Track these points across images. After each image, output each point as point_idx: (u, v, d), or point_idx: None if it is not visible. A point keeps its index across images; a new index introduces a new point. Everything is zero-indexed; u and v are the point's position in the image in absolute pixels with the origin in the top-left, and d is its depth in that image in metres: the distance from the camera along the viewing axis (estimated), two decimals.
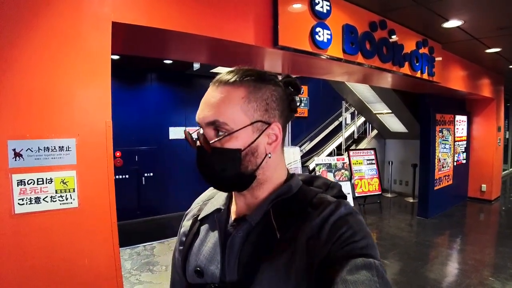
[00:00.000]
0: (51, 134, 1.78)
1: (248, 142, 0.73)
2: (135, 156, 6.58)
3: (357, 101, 8.09)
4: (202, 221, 0.89)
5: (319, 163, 6.36)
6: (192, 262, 0.84)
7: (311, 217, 0.73)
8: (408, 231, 5.93)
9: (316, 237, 0.69)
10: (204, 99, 0.76)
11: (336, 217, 0.71)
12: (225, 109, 0.72)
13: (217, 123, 0.72)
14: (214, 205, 0.88)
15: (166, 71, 7.13)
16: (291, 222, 0.74)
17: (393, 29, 3.85)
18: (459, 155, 7.52)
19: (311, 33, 2.92)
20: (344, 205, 0.74)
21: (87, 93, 1.90)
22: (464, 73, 6.13)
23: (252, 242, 0.75)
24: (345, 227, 0.69)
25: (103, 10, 1.96)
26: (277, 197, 0.78)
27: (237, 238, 0.77)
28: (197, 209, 0.94)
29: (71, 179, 1.83)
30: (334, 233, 0.68)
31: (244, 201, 0.82)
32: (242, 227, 0.78)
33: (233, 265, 0.75)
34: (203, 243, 0.84)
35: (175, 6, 2.25)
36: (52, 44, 1.78)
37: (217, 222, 0.83)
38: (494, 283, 3.84)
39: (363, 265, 0.62)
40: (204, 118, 0.74)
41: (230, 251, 0.77)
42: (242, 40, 2.60)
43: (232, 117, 0.72)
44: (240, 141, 0.73)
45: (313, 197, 0.78)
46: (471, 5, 3.63)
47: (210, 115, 0.73)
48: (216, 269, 0.78)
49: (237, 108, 0.72)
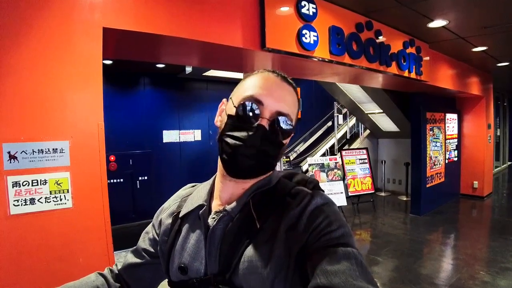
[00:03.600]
0: (45, 137, 1.83)
1: (288, 141, 0.83)
2: (129, 160, 6.60)
3: (349, 101, 8.17)
4: (183, 218, 0.89)
5: (312, 163, 6.43)
6: (175, 260, 0.84)
7: (289, 207, 0.76)
8: (401, 228, 6.00)
9: (295, 226, 0.72)
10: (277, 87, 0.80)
11: (313, 207, 0.74)
12: (294, 108, 0.82)
13: (288, 117, 0.79)
14: (195, 202, 0.89)
15: (158, 75, 7.18)
16: (270, 212, 0.77)
17: (380, 30, 3.93)
18: (450, 153, 7.62)
19: (298, 35, 2.99)
20: (320, 195, 0.77)
21: (80, 97, 1.95)
22: (452, 71, 6.23)
23: (232, 233, 0.77)
24: (322, 216, 0.71)
25: (94, 16, 2.02)
26: (258, 189, 0.82)
27: (218, 230, 0.79)
28: (176, 206, 0.95)
29: (65, 180, 1.88)
30: (312, 222, 0.71)
31: (231, 192, 0.83)
32: (223, 219, 0.80)
33: (214, 256, 0.77)
34: (186, 240, 0.85)
35: (163, 11, 2.31)
36: (45, 49, 1.84)
37: (201, 218, 0.84)
38: (485, 277, 3.90)
39: (343, 255, 0.63)
40: (281, 107, 0.78)
41: (211, 243, 0.78)
42: (230, 43, 2.66)
43: (294, 117, 0.82)
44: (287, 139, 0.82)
45: (291, 189, 0.82)
46: (454, 5, 3.72)
47: (286, 108, 0.79)
48: (201, 265, 0.79)
49: (296, 110, 0.83)
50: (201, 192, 0.91)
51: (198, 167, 7.60)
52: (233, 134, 0.77)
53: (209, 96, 7.98)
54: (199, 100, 7.77)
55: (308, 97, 9.92)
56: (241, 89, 0.82)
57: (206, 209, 0.85)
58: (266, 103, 0.77)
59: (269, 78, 0.81)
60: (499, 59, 6.52)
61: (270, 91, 0.78)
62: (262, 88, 0.78)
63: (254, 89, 0.78)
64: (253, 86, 0.80)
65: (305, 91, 9.81)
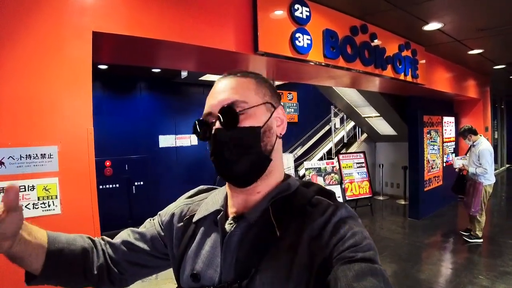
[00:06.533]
0: (33, 142, 1.80)
1: (264, 120, 0.78)
2: (125, 165, 6.56)
3: (346, 105, 8.16)
4: (197, 223, 0.86)
5: (309, 168, 6.40)
6: (187, 266, 0.81)
7: (312, 216, 0.73)
8: (399, 233, 5.96)
9: (318, 237, 0.69)
10: (215, 89, 0.80)
11: (337, 218, 0.71)
12: (242, 90, 0.78)
13: (236, 102, 0.75)
14: (211, 207, 0.85)
15: (154, 79, 7.17)
16: (291, 221, 0.74)
17: (375, 33, 3.92)
18: (448, 156, 7.60)
19: (291, 38, 2.98)
20: (345, 207, 0.74)
21: (69, 101, 1.93)
22: (449, 74, 6.23)
23: (250, 240, 0.74)
24: (347, 229, 0.68)
25: (84, 20, 2.01)
26: (277, 194, 0.78)
27: (235, 236, 0.76)
28: (187, 209, 0.92)
29: (54, 186, 1.86)
30: (336, 235, 0.68)
31: (244, 198, 0.80)
32: (240, 225, 0.76)
33: (229, 264, 0.74)
34: (201, 246, 0.81)
35: (156, 15, 2.30)
36: (34, 53, 1.82)
37: (219, 224, 0.80)
38: (484, 281, 3.86)
39: (369, 271, 0.61)
40: (222, 101, 0.76)
41: (227, 249, 0.75)
42: (223, 47, 2.64)
43: (248, 96, 0.77)
44: (258, 118, 0.77)
45: (311, 198, 0.78)
46: (449, 7, 3.72)
47: (228, 97, 0.76)
48: (215, 273, 0.76)
49: (250, 90, 0.79)
50: (217, 197, 0.88)
51: (195, 172, 7.56)
52: (209, 152, 0.78)
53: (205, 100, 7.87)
54: (196, 105, 7.70)
55: (305, 101, 9.92)
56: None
57: (223, 214, 0.82)
58: (212, 109, 0.77)
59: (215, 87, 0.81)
60: (496, 61, 6.53)
61: (210, 97, 0.79)
62: (207, 102, 0.79)
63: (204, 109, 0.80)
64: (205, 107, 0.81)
65: (302, 95, 9.82)
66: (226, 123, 0.74)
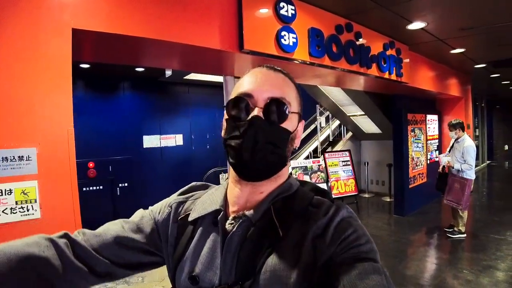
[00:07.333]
0: (10, 144, 1.73)
1: (294, 128, 0.78)
2: (109, 166, 6.42)
3: (331, 104, 8.21)
4: (194, 223, 0.83)
5: (295, 166, 6.41)
6: (185, 268, 0.79)
7: (314, 216, 0.73)
8: (385, 229, 6.03)
9: (321, 237, 0.69)
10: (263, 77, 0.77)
11: (339, 218, 0.72)
12: (289, 91, 0.77)
13: (284, 100, 0.74)
14: (208, 206, 0.83)
15: (138, 78, 7.06)
16: (293, 220, 0.73)
17: (360, 32, 3.94)
18: (432, 153, 7.71)
19: (277, 37, 2.96)
20: (345, 207, 0.75)
21: (48, 101, 1.87)
22: (432, 73, 6.32)
23: (252, 240, 0.73)
24: (350, 229, 0.69)
25: (63, 16, 1.94)
26: (279, 194, 0.78)
27: (236, 236, 0.74)
28: (182, 207, 0.89)
29: (32, 189, 1.79)
30: (339, 234, 0.69)
31: (246, 197, 0.78)
32: (242, 225, 0.75)
33: (230, 265, 0.73)
34: (199, 247, 0.79)
35: (138, 13, 2.24)
36: (10, 51, 1.75)
37: (219, 224, 0.78)
38: (468, 276, 3.93)
39: (372, 270, 0.62)
40: (273, 92, 0.74)
41: (228, 250, 0.74)
42: (207, 45, 2.60)
43: (292, 101, 0.77)
44: (292, 124, 0.77)
45: (312, 198, 0.78)
46: (432, 7, 3.77)
47: (277, 92, 0.75)
48: (215, 275, 0.74)
49: (294, 94, 0.79)
50: (215, 196, 0.85)
51: (181, 173, 7.48)
52: (232, 134, 0.74)
53: (191, 100, 7.89)
54: (181, 104, 7.67)
55: None
56: (231, 94, 0.80)
57: (223, 214, 0.79)
58: (255, 94, 0.74)
59: (255, 72, 0.79)
60: (477, 61, 6.66)
61: (257, 81, 0.76)
62: (249, 82, 0.76)
63: (242, 87, 0.76)
64: (240, 85, 0.78)
65: None
66: (274, 117, 0.73)
